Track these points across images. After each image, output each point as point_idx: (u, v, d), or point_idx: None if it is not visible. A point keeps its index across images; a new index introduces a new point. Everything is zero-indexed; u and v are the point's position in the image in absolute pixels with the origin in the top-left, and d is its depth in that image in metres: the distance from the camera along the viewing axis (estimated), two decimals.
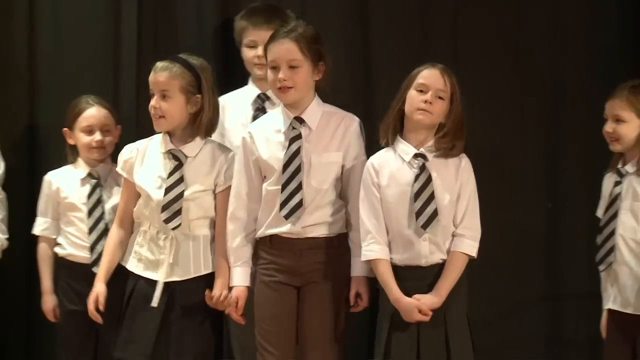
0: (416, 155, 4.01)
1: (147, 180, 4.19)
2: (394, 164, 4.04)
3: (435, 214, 3.94)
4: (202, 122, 4.17)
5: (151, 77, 4.17)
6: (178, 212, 4.11)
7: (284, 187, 4.03)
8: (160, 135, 4.22)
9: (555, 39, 4.82)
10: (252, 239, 4.13)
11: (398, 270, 4.00)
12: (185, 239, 4.15)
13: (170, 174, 4.15)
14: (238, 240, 4.11)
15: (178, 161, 4.17)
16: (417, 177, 3.99)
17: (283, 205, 4.02)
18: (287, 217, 4.02)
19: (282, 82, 4.02)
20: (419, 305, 3.92)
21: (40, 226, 4.52)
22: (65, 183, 4.45)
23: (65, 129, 4.52)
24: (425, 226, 3.94)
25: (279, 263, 4.06)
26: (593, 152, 4.74)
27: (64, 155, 4.54)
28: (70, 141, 4.51)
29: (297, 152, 4.05)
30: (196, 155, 4.18)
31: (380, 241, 4.00)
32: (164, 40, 4.84)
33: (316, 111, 4.11)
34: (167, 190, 4.13)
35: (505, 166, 4.80)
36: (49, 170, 4.56)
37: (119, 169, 4.26)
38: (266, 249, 4.09)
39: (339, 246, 4.10)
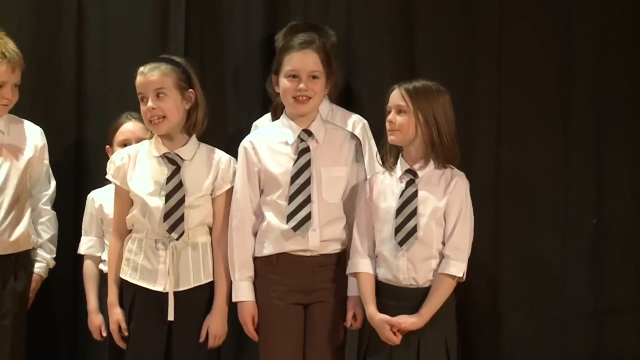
0: (407, 172, 4.05)
1: (143, 187, 4.08)
2: (387, 180, 4.08)
3: (414, 230, 3.96)
4: (198, 119, 4.11)
5: (140, 80, 4.07)
6: (180, 220, 4.02)
7: (291, 199, 4.00)
8: (148, 140, 4.17)
9: (602, 56, 4.76)
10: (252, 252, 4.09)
11: (380, 286, 4.02)
12: (185, 248, 4.06)
13: (169, 179, 4.06)
14: (245, 254, 4.06)
15: (175, 165, 4.08)
16: (402, 193, 4.02)
17: (290, 217, 3.99)
18: (295, 229, 3.98)
19: (303, 92, 4.02)
20: (390, 321, 3.92)
21: (85, 245, 4.57)
22: (108, 200, 4.41)
23: (107, 146, 4.56)
24: (402, 242, 3.96)
25: (289, 283, 4.02)
26: None
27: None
28: None
29: (307, 164, 4.04)
30: (192, 158, 4.11)
31: (364, 255, 4.04)
32: (209, 57, 4.88)
33: (321, 125, 4.12)
34: (168, 197, 4.03)
35: (550, 182, 4.76)
36: (94, 187, 4.60)
37: (110, 177, 4.16)
38: (272, 268, 4.03)
39: (344, 263, 4.08)
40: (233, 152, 4.23)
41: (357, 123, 4.58)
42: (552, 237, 4.75)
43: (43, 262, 4.51)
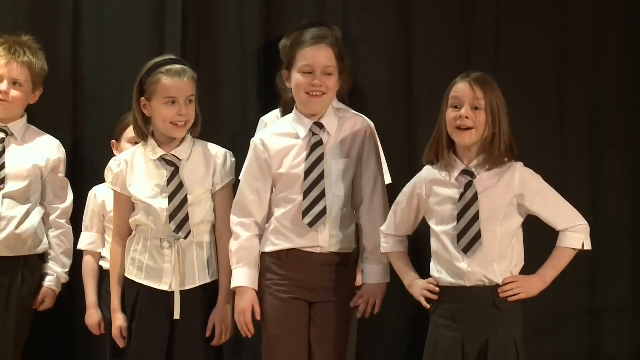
0: (463, 172, 3.79)
1: (144, 191, 4.09)
2: (442, 181, 3.82)
3: (477, 236, 3.72)
4: (200, 124, 4.12)
5: (176, 82, 4.05)
6: (186, 219, 4.03)
7: (306, 194, 3.94)
8: (142, 143, 4.16)
9: (598, 54, 4.79)
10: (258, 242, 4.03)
11: (443, 292, 3.78)
12: (190, 247, 4.07)
13: (169, 181, 4.06)
14: (246, 247, 4.00)
15: (174, 167, 4.08)
16: (461, 196, 3.76)
17: (306, 213, 3.93)
18: (311, 224, 3.92)
19: (317, 88, 3.95)
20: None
21: (85, 241, 4.57)
22: (111, 196, 4.36)
23: (112, 141, 4.57)
24: (466, 250, 3.73)
25: (296, 279, 3.96)
26: (638, 165, 4.73)
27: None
28: (117, 153, 4.49)
29: (320, 158, 3.97)
30: (189, 157, 4.11)
31: (396, 235, 3.92)
32: (206, 57, 4.89)
33: (334, 117, 4.04)
34: (171, 198, 4.04)
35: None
36: (92, 184, 4.60)
37: (109, 184, 4.19)
38: (280, 263, 3.97)
39: (352, 264, 4.05)
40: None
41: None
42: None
43: (54, 275, 4.48)
